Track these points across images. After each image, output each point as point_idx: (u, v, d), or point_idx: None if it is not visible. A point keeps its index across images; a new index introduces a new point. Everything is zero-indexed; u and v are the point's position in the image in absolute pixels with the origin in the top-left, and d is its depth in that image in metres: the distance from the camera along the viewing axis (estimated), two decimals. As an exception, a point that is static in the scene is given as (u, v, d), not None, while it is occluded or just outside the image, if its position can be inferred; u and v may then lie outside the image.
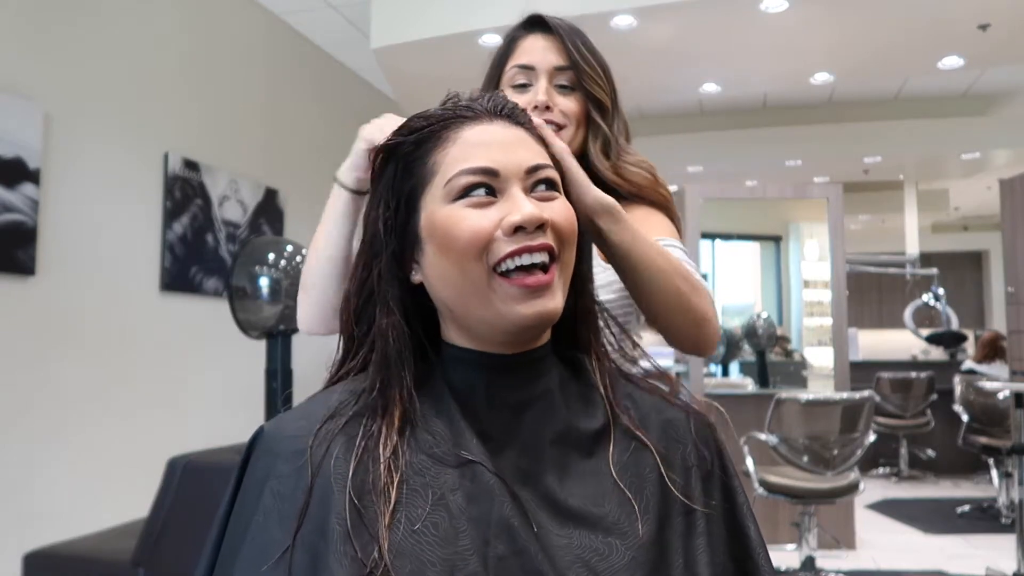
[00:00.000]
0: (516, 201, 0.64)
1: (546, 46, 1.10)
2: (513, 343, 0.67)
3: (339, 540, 0.58)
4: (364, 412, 0.66)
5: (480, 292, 0.64)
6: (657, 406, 0.73)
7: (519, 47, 1.11)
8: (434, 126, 0.68)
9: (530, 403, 0.67)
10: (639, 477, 0.67)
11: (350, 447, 0.63)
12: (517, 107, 0.71)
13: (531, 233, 0.63)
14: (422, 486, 0.61)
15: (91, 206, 3.07)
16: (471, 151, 0.66)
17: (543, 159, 0.68)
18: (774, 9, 3.60)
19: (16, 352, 2.73)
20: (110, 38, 3.19)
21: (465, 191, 0.65)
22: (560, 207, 0.67)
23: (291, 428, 0.66)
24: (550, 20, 1.11)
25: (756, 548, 0.68)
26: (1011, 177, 4.84)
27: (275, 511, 0.61)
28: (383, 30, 3.98)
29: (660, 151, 6.80)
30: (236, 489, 0.66)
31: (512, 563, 0.59)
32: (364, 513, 0.59)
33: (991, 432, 4.88)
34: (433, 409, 0.66)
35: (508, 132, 0.68)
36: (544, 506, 0.63)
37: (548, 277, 0.64)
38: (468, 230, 0.64)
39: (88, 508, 2.91)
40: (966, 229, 10.67)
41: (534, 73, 1.09)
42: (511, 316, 0.64)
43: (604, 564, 0.61)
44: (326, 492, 0.61)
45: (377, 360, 0.68)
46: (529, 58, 1.09)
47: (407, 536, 0.59)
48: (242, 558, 0.61)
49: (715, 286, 6.00)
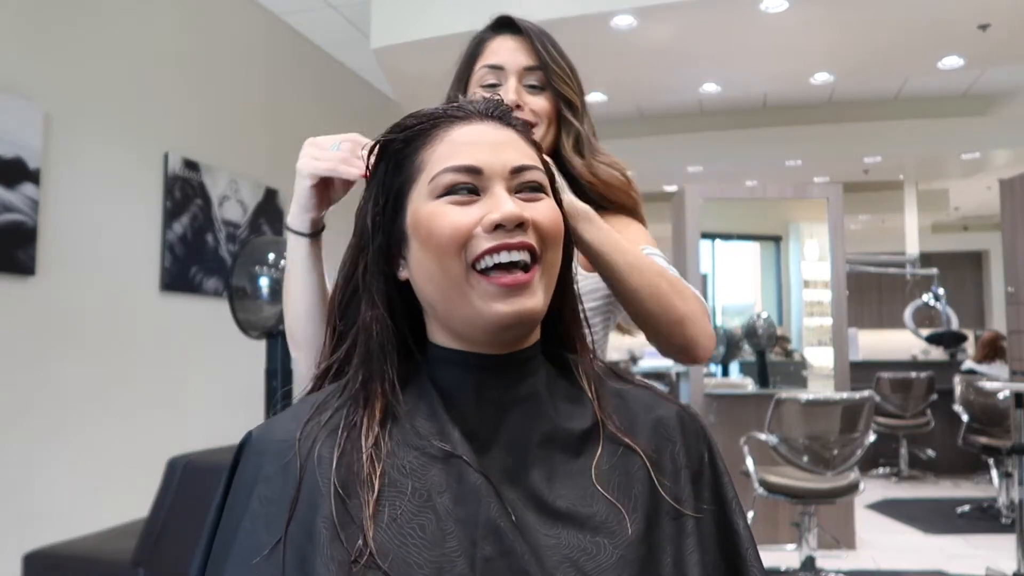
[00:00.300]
0: (498, 199, 0.65)
1: (515, 47, 1.10)
2: (497, 343, 0.67)
3: (325, 543, 0.58)
4: (346, 404, 0.66)
5: (459, 289, 0.65)
6: (647, 403, 0.73)
7: (488, 48, 1.12)
8: (424, 124, 0.69)
9: (516, 404, 0.67)
10: (628, 476, 0.66)
11: (333, 441, 0.64)
12: (509, 109, 0.72)
13: (511, 231, 0.64)
14: (409, 487, 0.61)
15: (91, 206, 3.07)
16: (457, 150, 0.67)
17: (530, 160, 0.68)
18: (774, 9, 3.60)
19: (16, 352, 2.73)
20: (110, 38, 3.20)
21: (449, 189, 0.66)
22: (544, 208, 0.67)
23: (279, 432, 0.66)
24: (519, 22, 1.12)
25: (745, 545, 0.68)
26: (1011, 177, 4.84)
27: (262, 516, 0.62)
28: (383, 30, 3.98)
29: (660, 151, 6.84)
30: (225, 494, 0.67)
31: (500, 564, 0.59)
32: (349, 505, 0.60)
33: (991, 432, 4.89)
34: (419, 409, 0.67)
35: (497, 133, 0.69)
36: (531, 506, 0.63)
37: (527, 276, 0.64)
38: (448, 226, 0.64)
39: (88, 508, 2.91)
40: (966, 229, 10.67)
41: (503, 73, 1.09)
42: (489, 314, 0.64)
43: (592, 563, 0.61)
44: (313, 493, 0.61)
45: (360, 353, 0.68)
46: (498, 58, 1.10)
47: (393, 537, 0.59)
48: (231, 562, 0.62)
49: (715, 286, 6.00)
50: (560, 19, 3.69)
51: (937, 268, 6.98)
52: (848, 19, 3.80)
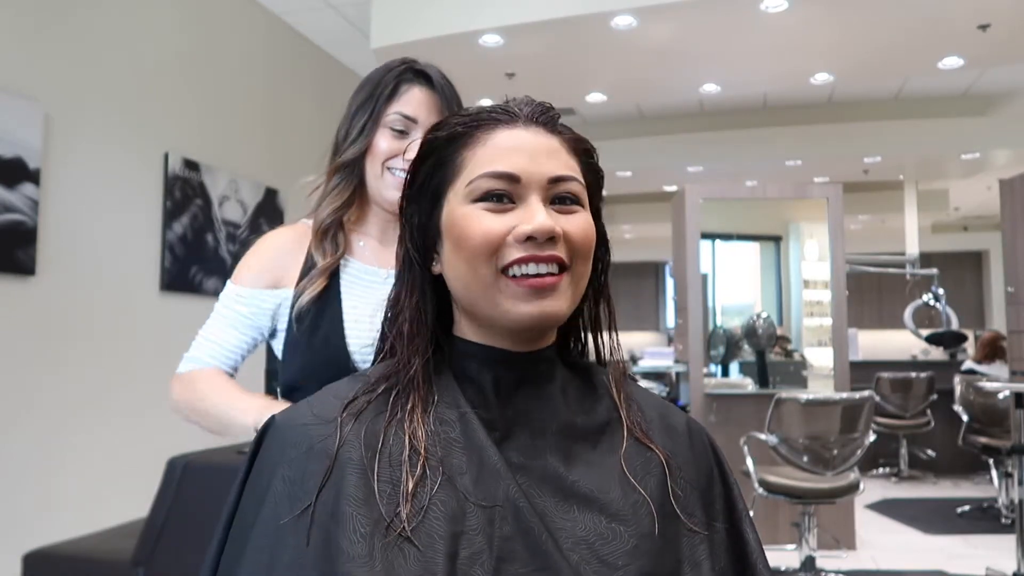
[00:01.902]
0: (532, 210, 0.65)
1: (429, 103, 1.14)
2: (518, 341, 0.69)
3: (349, 519, 0.59)
4: (376, 391, 0.69)
5: (488, 291, 0.66)
6: (660, 409, 0.75)
7: (405, 94, 1.14)
8: (469, 124, 0.70)
9: (534, 398, 0.69)
10: (647, 474, 0.68)
11: (361, 425, 0.65)
12: (556, 116, 0.71)
13: (541, 244, 0.65)
14: (431, 467, 0.63)
15: (91, 206, 3.07)
16: (498, 155, 0.67)
17: (569, 171, 0.69)
18: (774, 9, 3.60)
19: (16, 352, 2.73)
20: (110, 38, 3.20)
21: (485, 194, 0.66)
22: (578, 220, 0.68)
23: (302, 418, 0.68)
24: (436, 80, 1.15)
25: (755, 556, 0.69)
26: (1011, 177, 4.84)
27: (286, 496, 0.63)
28: (383, 30, 3.98)
29: (660, 151, 6.85)
30: (246, 477, 0.68)
31: (517, 543, 0.60)
32: (376, 485, 0.61)
33: (991, 432, 4.88)
34: (443, 398, 0.68)
35: (540, 140, 0.69)
36: (550, 488, 0.64)
37: (555, 279, 0.66)
38: (481, 232, 0.65)
39: (88, 508, 2.91)
40: (966, 229, 10.66)
41: (415, 125, 1.13)
42: (513, 314, 0.66)
43: (607, 548, 0.62)
44: (338, 475, 0.62)
45: (394, 343, 0.71)
46: (414, 110, 1.13)
47: (416, 513, 0.60)
48: (254, 537, 0.62)
49: (715, 286, 6.00)
50: (560, 19, 3.69)
51: (937, 268, 6.96)
52: (848, 19, 3.79)
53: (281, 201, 4.27)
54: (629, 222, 9.30)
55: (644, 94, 5.47)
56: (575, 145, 0.71)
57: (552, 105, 0.72)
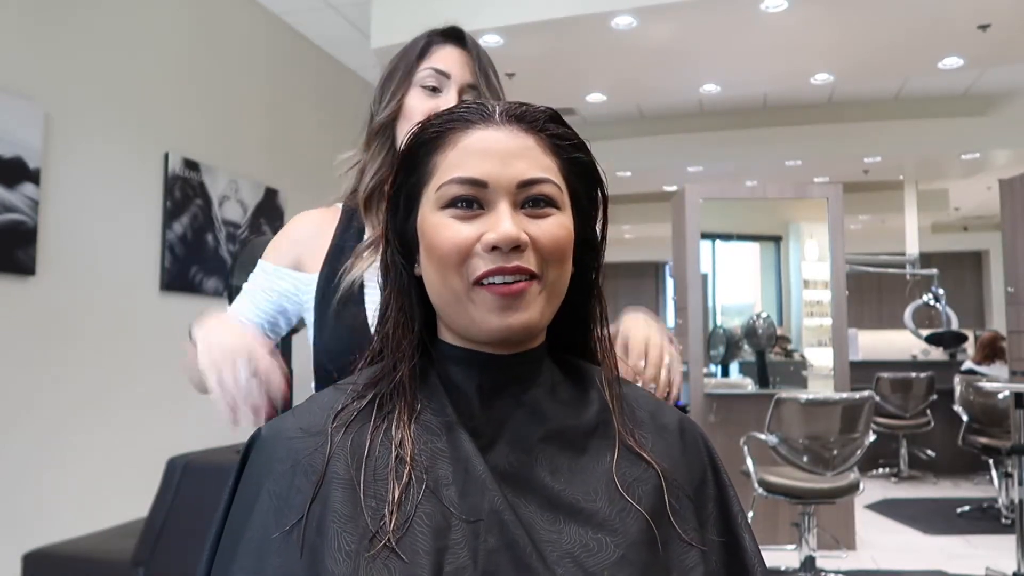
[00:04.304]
0: (499, 217, 0.64)
1: (462, 61, 1.11)
2: (499, 346, 0.67)
3: (334, 537, 0.59)
4: (362, 400, 0.67)
5: (460, 302, 0.65)
6: (651, 408, 0.73)
7: (435, 51, 1.12)
8: (442, 126, 0.68)
9: (520, 402, 0.68)
10: (636, 480, 0.66)
11: (348, 435, 0.64)
12: (533, 112, 0.68)
13: (507, 254, 0.63)
14: (416, 478, 0.62)
15: (91, 206, 3.07)
16: (466, 159, 0.65)
17: (542, 172, 0.66)
18: (774, 9, 3.60)
19: (16, 352, 2.73)
20: (110, 38, 3.19)
21: (453, 200, 0.65)
22: (548, 225, 0.65)
23: (287, 431, 0.67)
24: (468, 39, 1.13)
25: (752, 560, 0.67)
26: (1011, 177, 4.84)
27: (272, 511, 0.62)
28: (383, 30, 3.98)
29: (660, 151, 6.85)
30: (233, 491, 0.67)
31: (502, 556, 0.59)
32: (362, 498, 0.60)
33: (991, 432, 4.88)
34: (429, 405, 0.67)
35: (513, 140, 0.66)
36: (535, 500, 0.63)
37: (523, 285, 0.64)
38: (448, 241, 0.64)
39: (88, 508, 2.91)
40: (966, 229, 10.66)
41: (448, 81, 1.10)
42: (484, 325, 0.65)
43: (593, 560, 0.60)
44: (324, 491, 0.61)
45: (379, 348, 0.71)
46: (445, 65, 1.11)
47: (400, 526, 0.59)
48: (241, 553, 0.62)
49: (715, 286, 6.00)
50: (560, 19, 3.69)
51: (937, 268, 6.96)
52: (848, 19, 3.80)
53: (281, 201, 4.27)
54: (629, 222, 9.30)
55: (644, 94, 5.47)
56: (556, 143, 0.68)
57: (526, 102, 0.70)
